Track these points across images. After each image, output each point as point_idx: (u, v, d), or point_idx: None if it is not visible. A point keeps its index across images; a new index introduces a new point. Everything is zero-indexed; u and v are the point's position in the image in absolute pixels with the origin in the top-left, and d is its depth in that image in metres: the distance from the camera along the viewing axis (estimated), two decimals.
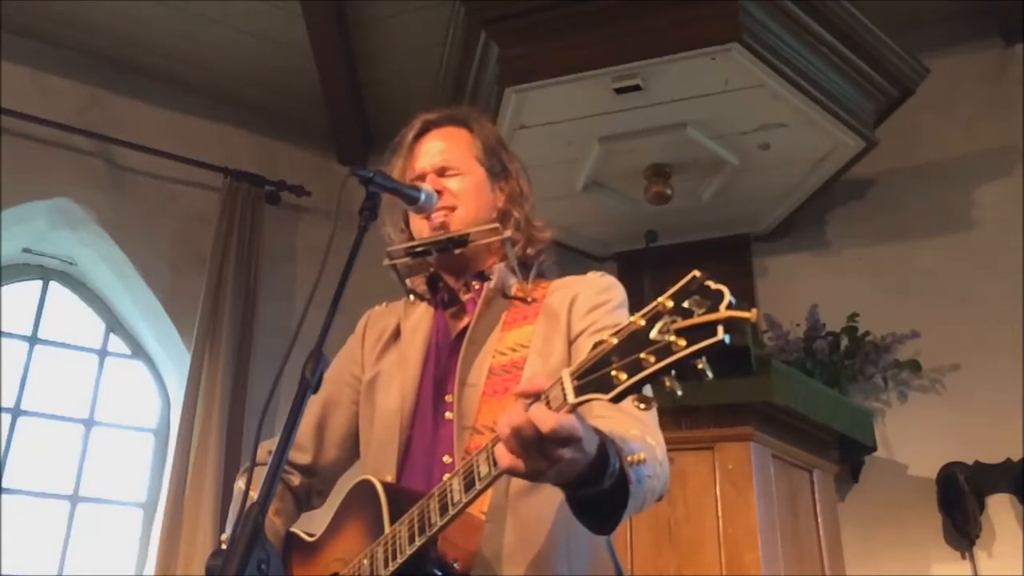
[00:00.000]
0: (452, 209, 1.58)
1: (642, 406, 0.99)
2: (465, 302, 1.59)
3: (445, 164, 1.62)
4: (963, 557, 3.09)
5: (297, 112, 4.36)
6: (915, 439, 3.28)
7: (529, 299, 1.54)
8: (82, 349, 3.94)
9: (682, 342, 0.93)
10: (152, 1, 3.75)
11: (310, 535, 1.53)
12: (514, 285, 1.58)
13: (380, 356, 1.63)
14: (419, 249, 1.60)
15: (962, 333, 3.31)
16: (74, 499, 3.66)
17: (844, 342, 3.38)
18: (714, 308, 0.92)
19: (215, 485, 3.41)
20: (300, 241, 4.26)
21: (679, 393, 0.96)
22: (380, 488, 1.35)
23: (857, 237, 3.66)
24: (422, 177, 1.62)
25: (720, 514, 2.52)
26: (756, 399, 2.63)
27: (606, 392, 1.00)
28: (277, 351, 3.75)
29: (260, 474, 1.50)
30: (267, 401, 1.35)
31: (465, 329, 1.53)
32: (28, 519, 3.59)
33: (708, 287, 0.93)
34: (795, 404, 2.71)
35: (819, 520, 2.81)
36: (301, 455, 1.64)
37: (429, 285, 1.64)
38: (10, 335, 3.75)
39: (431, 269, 1.64)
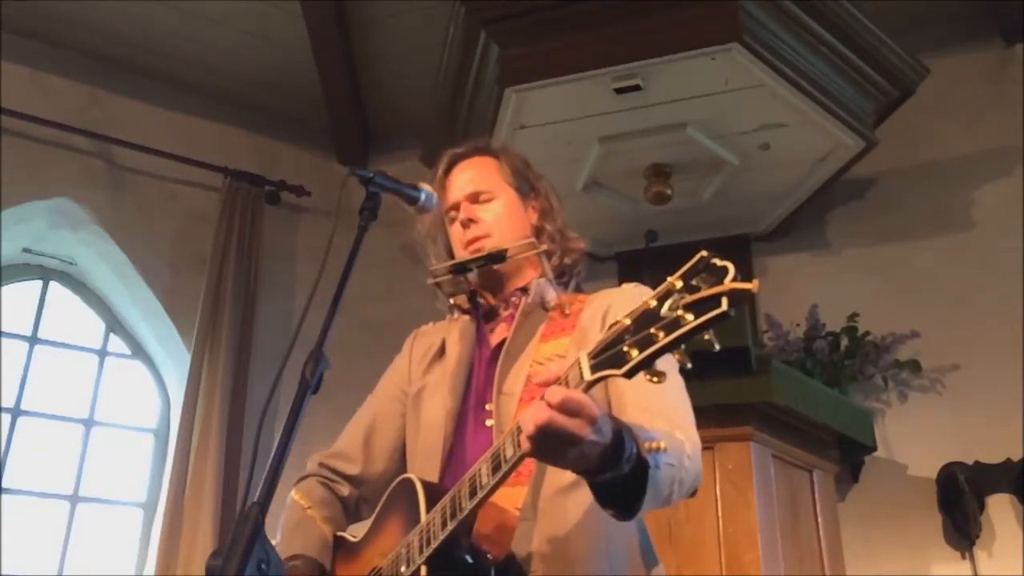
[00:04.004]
0: (487, 236, 1.64)
1: (655, 379, 1.02)
2: (504, 316, 1.65)
3: (477, 189, 1.68)
4: (963, 557, 3.09)
5: (297, 112, 4.36)
6: (915, 439, 3.28)
7: (567, 311, 1.58)
8: (82, 349, 3.94)
9: (689, 316, 0.96)
10: (152, 1, 3.75)
11: (355, 536, 1.59)
12: (553, 298, 1.62)
13: (426, 371, 1.69)
14: (459, 267, 1.66)
15: (962, 333, 3.31)
16: (74, 499, 3.66)
17: (844, 342, 3.37)
18: (719, 283, 0.95)
19: (215, 485, 3.41)
20: (300, 241, 4.26)
21: (688, 366, 1.00)
22: (419, 483, 1.41)
23: (857, 237, 3.66)
24: (456, 207, 1.68)
25: (720, 514, 2.52)
26: (756, 399, 2.63)
27: (619, 367, 1.03)
28: (277, 351, 3.76)
29: (310, 485, 1.67)
30: (267, 401, 1.35)
31: (504, 340, 1.58)
32: (28, 519, 3.59)
33: (714, 264, 0.97)
34: (795, 404, 2.70)
35: (819, 520, 2.80)
36: (349, 466, 1.69)
37: (470, 301, 1.70)
38: (10, 335, 3.75)
39: (472, 288, 1.70)
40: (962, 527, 3.06)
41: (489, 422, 1.50)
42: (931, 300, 3.41)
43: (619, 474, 1.14)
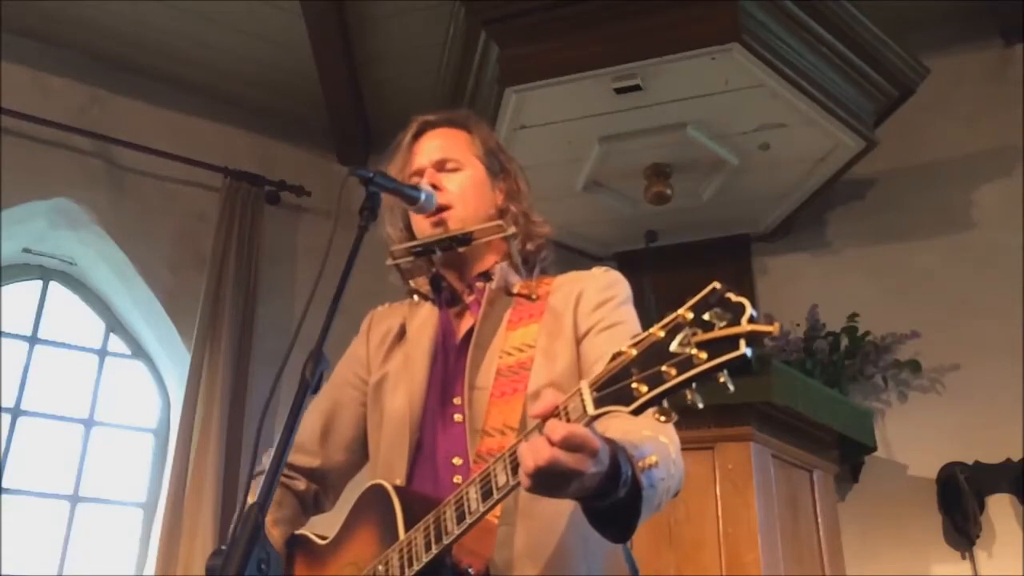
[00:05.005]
0: (449, 207, 1.57)
1: (663, 419, 0.99)
2: (469, 303, 1.58)
3: (444, 156, 1.61)
4: (963, 557, 3.09)
5: (297, 112, 4.36)
6: (915, 439, 3.28)
7: (533, 296, 1.54)
8: (82, 349, 3.94)
9: (703, 355, 0.93)
10: (152, 1, 3.75)
11: (322, 537, 1.53)
12: (517, 283, 1.57)
13: (386, 358, 1.62)
14: (422, 248, 1.59)
15: (962, 333, 3.31)
16: (74, 499, 3.66)
17: (844, 342, 3.37)
18: (735, 321, 0.91)
19: (215, 485, 3.41)
20: (300, 241, 4.26)
21: (700, 406, 0.96)
22: (393, 493, 1.35)
23: (857, 237, 3.66)
24: (420, 173, 1.61)
25: (720, 514, 2.52)
26: (756, 399, 2.63)
27: (627, 404, 0.99)
28: (277, 351, 3.75)
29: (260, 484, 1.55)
30: (267, 401, 1.35)
31: (471, 330, 1.52)
32: (28, 519, 3.59)
33: (729, 299, 0.93)
34: (795, 404, 2.70)
35: (819, 520, 2.80)
36: (307, 458, 1.63)
37: (432, 285, 1.63)
38: (10, 335, 3.75)
39: (434, 269, 1.64)
40: (962, 527, 3.06)
41: (458, 417, 1.44)
42: (931, 300, 3.41)
43: (615, 499, 1.12)
